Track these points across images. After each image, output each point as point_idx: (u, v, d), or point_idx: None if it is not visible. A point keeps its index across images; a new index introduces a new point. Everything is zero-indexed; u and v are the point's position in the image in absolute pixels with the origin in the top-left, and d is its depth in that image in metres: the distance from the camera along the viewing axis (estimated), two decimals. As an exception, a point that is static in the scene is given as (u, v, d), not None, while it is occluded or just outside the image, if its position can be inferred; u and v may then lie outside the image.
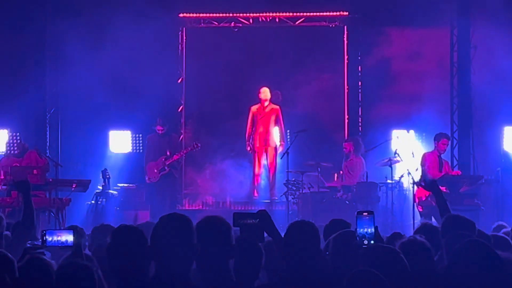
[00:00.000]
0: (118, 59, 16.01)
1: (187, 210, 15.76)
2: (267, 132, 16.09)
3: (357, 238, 5.20)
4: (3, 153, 14.96)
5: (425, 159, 14.07)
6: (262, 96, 16.17)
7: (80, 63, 15.89)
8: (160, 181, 15.69)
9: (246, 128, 16.25)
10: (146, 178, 15.85)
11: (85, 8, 15.78)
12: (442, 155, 14.24)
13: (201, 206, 16.45)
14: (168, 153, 15.66)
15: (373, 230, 5.21)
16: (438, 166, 14.11)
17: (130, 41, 16.13)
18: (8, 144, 14.58)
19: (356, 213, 5.34)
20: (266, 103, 16.17)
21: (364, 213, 5.28)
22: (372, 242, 5.18)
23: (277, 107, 16.21)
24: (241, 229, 5.43)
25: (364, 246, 5.16)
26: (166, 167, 15.61)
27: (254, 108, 16.23)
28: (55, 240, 5.35)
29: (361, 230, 5.20)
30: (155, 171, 15.59)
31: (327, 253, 5.37)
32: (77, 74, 16.14)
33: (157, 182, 15.71)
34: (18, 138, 14.09)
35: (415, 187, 13.92)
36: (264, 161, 16.21)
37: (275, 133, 16.09)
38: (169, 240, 4.43)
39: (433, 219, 13.27)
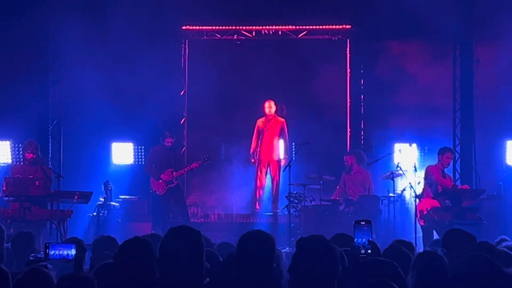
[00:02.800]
0: (121, 71, 16.06)
1: (190, 222, 15.70)
2: (271, 145, 16.05)
3: (355, 248, 5.18)
4: (15, 162, 15.06)
5: (430, 171, 14.05)
6: (266, 109, 16.13)
7: (82, 74, 15.93)
8: (167, 193, 15.40)
9: (252, 141, 16.21)
10: (151, 190, 15.66)
11: (88, 20, 15.80)
12: (445, 169, 14.23)
13: (203, 219, 16.41)
14: (173, 171, 15.35)
15: (371, 239, 5.19)
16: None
17: (133, 53, 16.17)
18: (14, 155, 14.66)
19: (353, 222, 5.30)
20: (271, 117, 16.12)
21: (362, 223, 5.25)
22: (369, 251, 5.15)
23: (282, 120, 16.15)
24: None
25: (361, 256, 5.14)
26: (174, 180, 15.36)
27: (259, 121, 16.20)
28: (57, 254, 5.37)
29: (359, 239, 5.18)
30: (160, 182, 15.33)
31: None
32: (79, 85, 16.18)
33: (164, 195, 15.42)
34: (36, 144, 13.90)
35: (417, 200, 13.92)
36: (267, 174, 16.17)
37: (280, 146, 16.05)
38: (177, 252, 4.41)
39: (434, 233, 13.30)
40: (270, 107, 16.11)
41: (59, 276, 5.15)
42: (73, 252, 5.36)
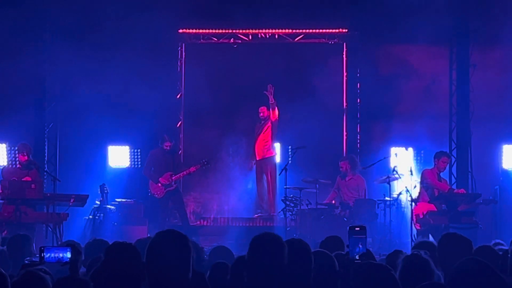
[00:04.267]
0: (117, 74, 16.05)
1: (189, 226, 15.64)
2: (264, 148, 16.02)
3: (349, 253, 5.19)
4: (8, 164, 15.09)
5: (426, 175, 14.06)
6: (261, 114, 16.11)
7: (79, 77, 15.92)
8: (165, 197, 15.40)
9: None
10: (149, 193, 15.63)
11: (84, 25, 15.80)
12: (441, 173, 14.24)
13: (199, 222, 16.39)
14: (171, 174, 15.33)
15: (365, 245, 5.20)
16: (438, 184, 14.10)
17: (130, 57, 16.16)
18: (9, 157, 14.66)
19: (348, 228, 5.32)
20: (263, 121, 16.10)
21: (357, 228, 5.27)
22: (363, 257, 5.16)
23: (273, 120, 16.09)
24: None
25: (356, 261, 5.15)
26: (173, 183, 15.35)
27: (256, 127, 16.24)
28: (52, 256, 5.37)
29: (353, 245, 5.19)
30: (159, 185, 15.31)
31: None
32: (75, 89, 16.16)
33: (162, 198, 15.41)
34: (30, 147, 13.85)
35: (413, 204, 13.92)
36: (263, 177, 16.14)
37: (274, 148, 16.04)
38: (164, 257, 4.40)
39: (430, 236, 13.30)
40: (261, 112, 16.07)
41: (54, 279, 5.14)
42: (68, 255, 5.36)
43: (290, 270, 4.86)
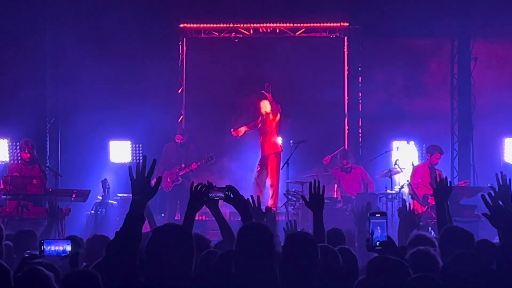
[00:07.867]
0: (118, 69, 16.07)
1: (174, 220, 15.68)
2: (268, 141, 16.03)
3: (369, 240, 5.07)
4: (11, 160, 15.10)
5: (414, 173, 14.09)
6: (262, 109, 16.10)
7: (80, 72, 15.92)
8: (172, 191, 15.57)
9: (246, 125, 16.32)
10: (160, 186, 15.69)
11: (85, 19, 15.80)
12: (436, 166, 14.17)
13: (199, 217, 16.39)
14: (183, 165, 15.56)
15: (385, 231, 5.07)
16: (429, 179, 13.96)
17: (131, 51, 16.16)
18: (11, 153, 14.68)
19: (368, 214, 5.18)
20: (266, 115, 16.08)
21: (377, 214, 5.12)
22: (384, 244, 5.03)
23: (277, 114, 16.09)
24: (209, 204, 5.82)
25: (377, 248, 5.06)
26: (179, 178, 15.50)
27: (258, 122, 16.24)
28: (52, 250, 5.35)
29: (374, 231, 5.08)
30: (168, 180, 15.49)
31: None
32: (77, 83, 16.17)
33: (170, 192, 15.59)
34: (32, 144, 13.84)
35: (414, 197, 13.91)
36: (266, 172, 16.13)
37: (276, 140, 16.05)
38: (165, 253, 4.38)
39: (430, 230, 13.28)
40: (264, 106, 16.05)
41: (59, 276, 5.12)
42: (68, 248, 5.35)
43: (297, 263, 4.84)
